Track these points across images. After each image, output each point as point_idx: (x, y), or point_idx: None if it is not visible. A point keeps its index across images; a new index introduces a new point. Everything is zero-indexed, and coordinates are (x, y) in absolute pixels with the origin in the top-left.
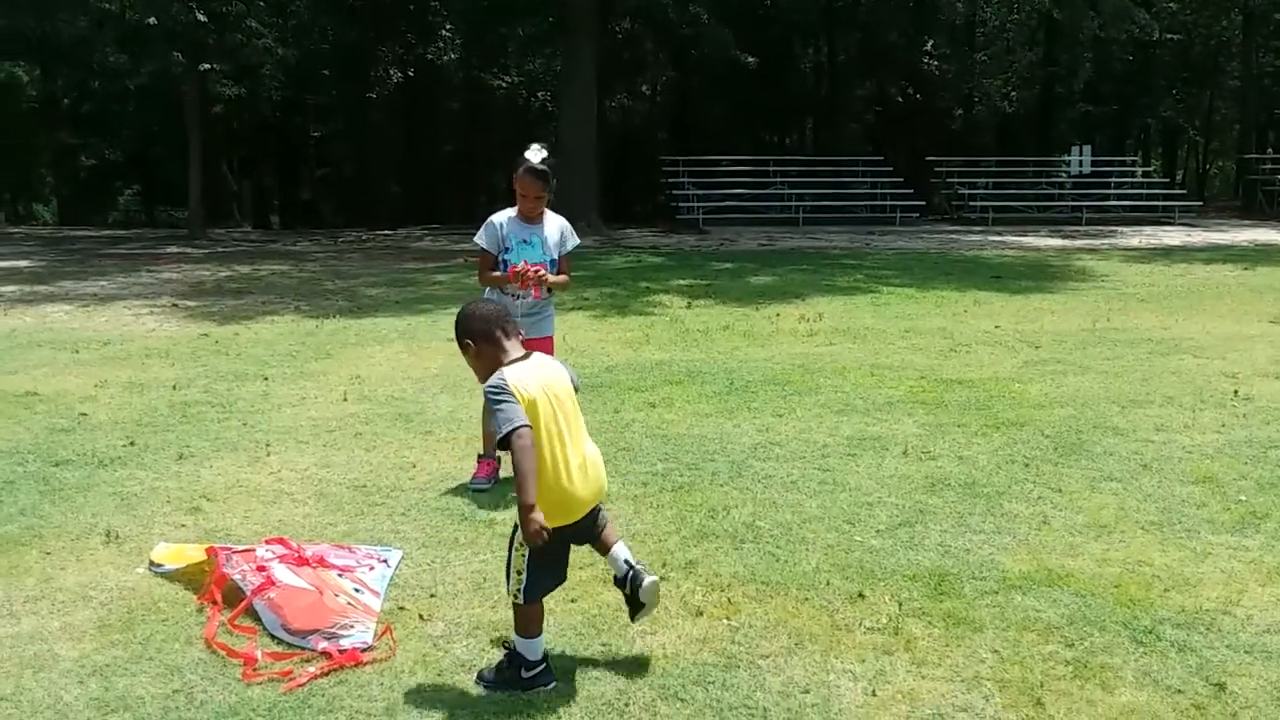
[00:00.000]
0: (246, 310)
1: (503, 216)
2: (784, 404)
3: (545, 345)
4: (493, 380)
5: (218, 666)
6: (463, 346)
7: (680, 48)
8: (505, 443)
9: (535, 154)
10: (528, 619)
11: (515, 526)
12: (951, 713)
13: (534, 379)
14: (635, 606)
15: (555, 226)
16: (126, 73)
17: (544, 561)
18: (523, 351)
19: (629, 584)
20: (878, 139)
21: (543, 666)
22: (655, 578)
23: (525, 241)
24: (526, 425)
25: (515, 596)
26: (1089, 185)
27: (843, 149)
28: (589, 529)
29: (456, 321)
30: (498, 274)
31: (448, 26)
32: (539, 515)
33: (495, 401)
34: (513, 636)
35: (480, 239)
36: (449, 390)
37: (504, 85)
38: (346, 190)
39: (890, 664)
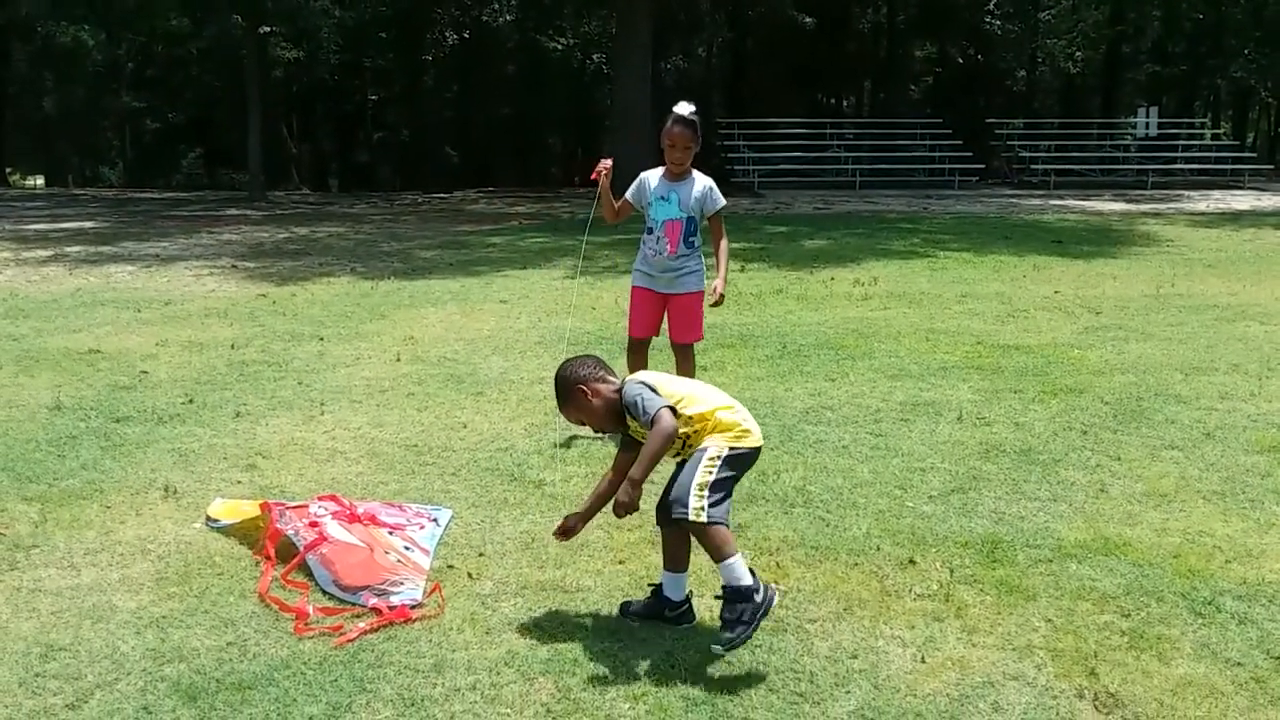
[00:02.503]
0: (304, 271)
1: (653, 174)
2: (837, 368)
3: (687, 303)
4: (630, 391)
5: (270, 620)
6: (578, 400)
7: (737, 8)
8: (652, 421)
9: (684, 107)
10: (722, 540)
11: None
12: (1002, 681)
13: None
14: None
15: (698, 186)
16: (189, 36)
17: (733, 480)
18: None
19: (684, 615)
20: (937, 101)
21: (754, 581)
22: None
23: (663, 198)
24: (671, 407)
25: (699, 515)
26: (1155, 148)
27: (901, 111)
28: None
29: (560, 380)
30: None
31: None
32: (636, 495)
33: (644, 395)
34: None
35: (628, 192)
36: (501, 352)
37: (559, 47)
38: (403, 153)
39: (940, 631)
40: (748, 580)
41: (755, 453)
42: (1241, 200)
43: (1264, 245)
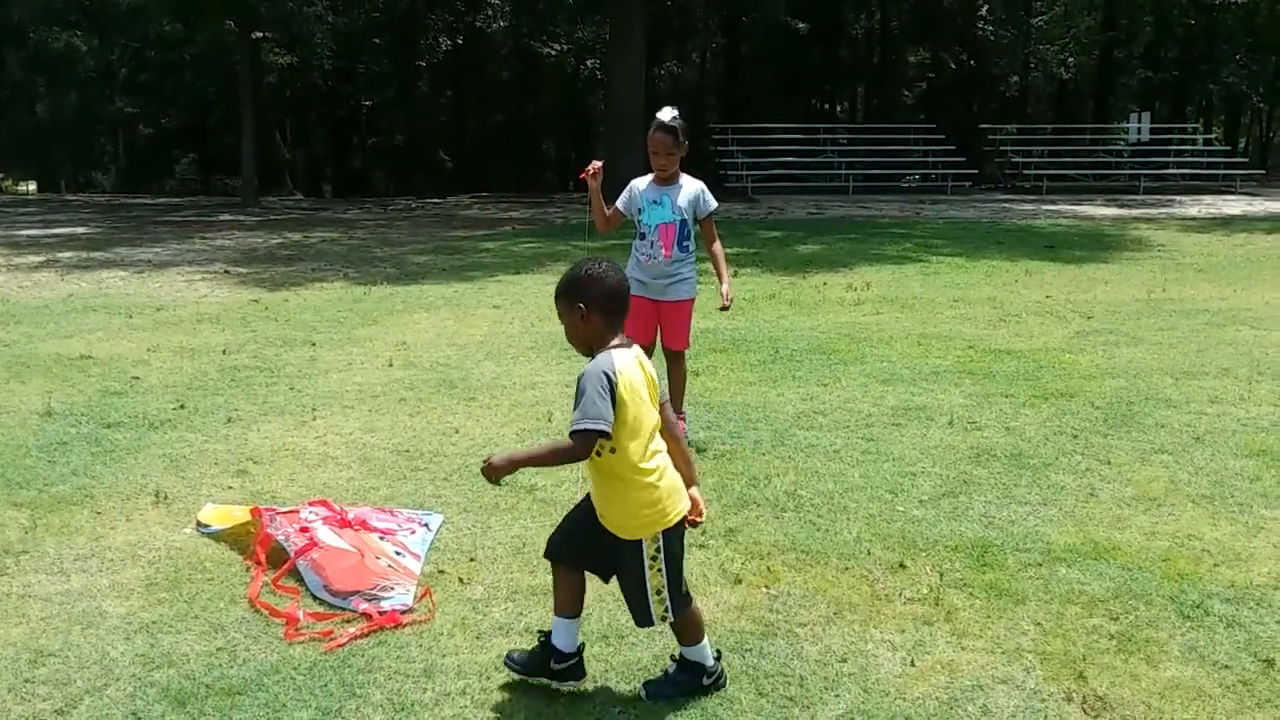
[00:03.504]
0: (296, 277)
1: (642, 181)
2: (829, 373)
3: (678, 311)
4: (601, 365)
5: (261, 625)
6: (570, 306)
7: (730, 13)
8: (575, 435)
9: (666, 113)
10: (690, 625)
11: (652, 548)
12: (991, 684)
13: (630, 368)
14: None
15: (689, 190)
16: (182, 41)
17: (677, 570)
18: (624, 338)
19: (572, 670)
20: (930, 107)
21: (714, 665)
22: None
23: (655, 202)
24: (606, 433)
25: (664, 619)
26: (1147, 153)
27: (894, 117)
28: (676, 543)
29: (576, 277)
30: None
31: None
32: (506, 467)
33: (596, 393)
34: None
35: (619, 201)
36: (493, 357)
37: (553, 53)
38: (396, 159)
39: (930, 634)
40: (709, 662)
41: (682, 520)
42: (1233, 205)
43: (1255, 250)
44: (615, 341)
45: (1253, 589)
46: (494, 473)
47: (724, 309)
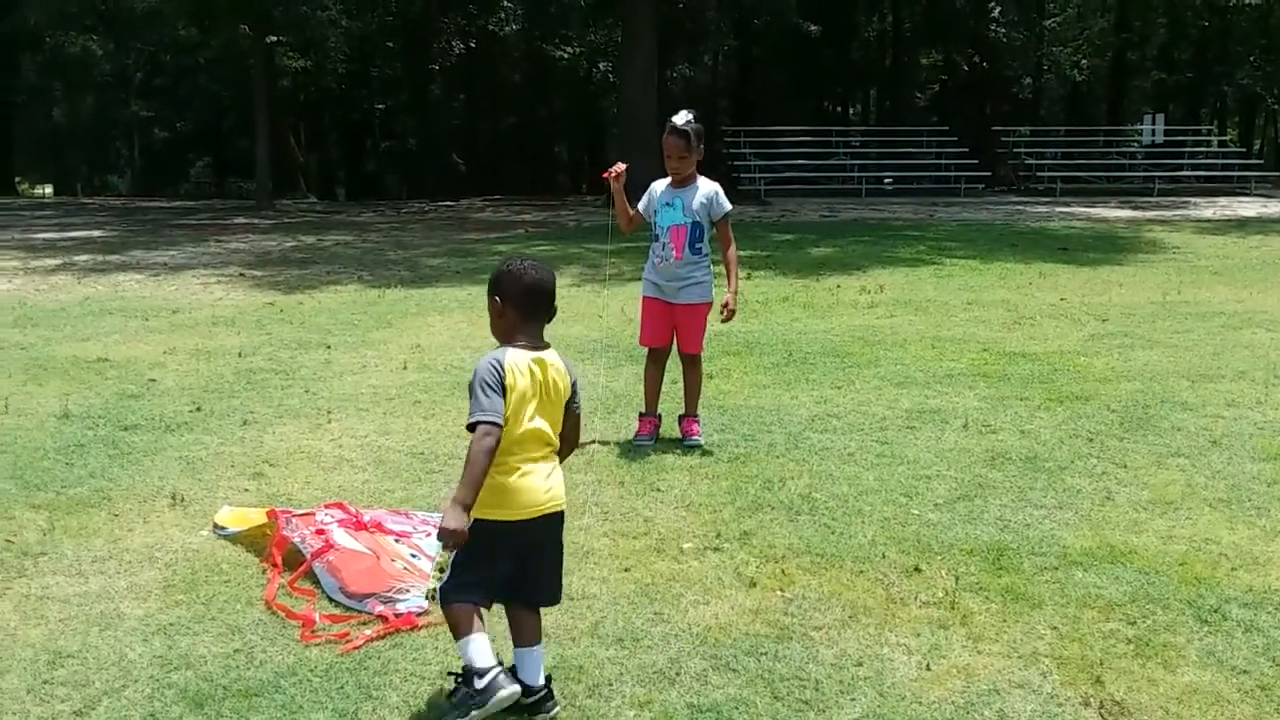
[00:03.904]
0: (311, 280)
1: (661, 183)
2: (843, 376)
3: (691, 314)
4: (492, 359)
5: (277, 627)
6: (490, 300)
7: (742, 15)
8: (471, 427)
9: (680, 116)
10: (454, 623)
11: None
12: (1008, 689)
13: (528, 365)
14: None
15: (702, 192)
16: (197, 45)
17: (476, 555)
18: (540, 342)
19: (534, 703)
20: (943, 109)
21: (494, 671)
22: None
23: (668, 204)
24: (498, 424)
25: (430, 598)
26: (1161, 155)
27: (907, 119)
28: (542, 543)
29: (497, 273)
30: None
31: None
32: (462, 519)
33: (483, 386)
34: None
35: (640, 202)
36: None
37: (565, 56)
38: (409, 162)
39: (946, 638)
40: (480, 663)
41: (511, 528)
42: (1248, 207)
43: (1270, 252)
44: (523, 341)
45: (1271, 593)
46: (456, 536)
47: (724, 318)
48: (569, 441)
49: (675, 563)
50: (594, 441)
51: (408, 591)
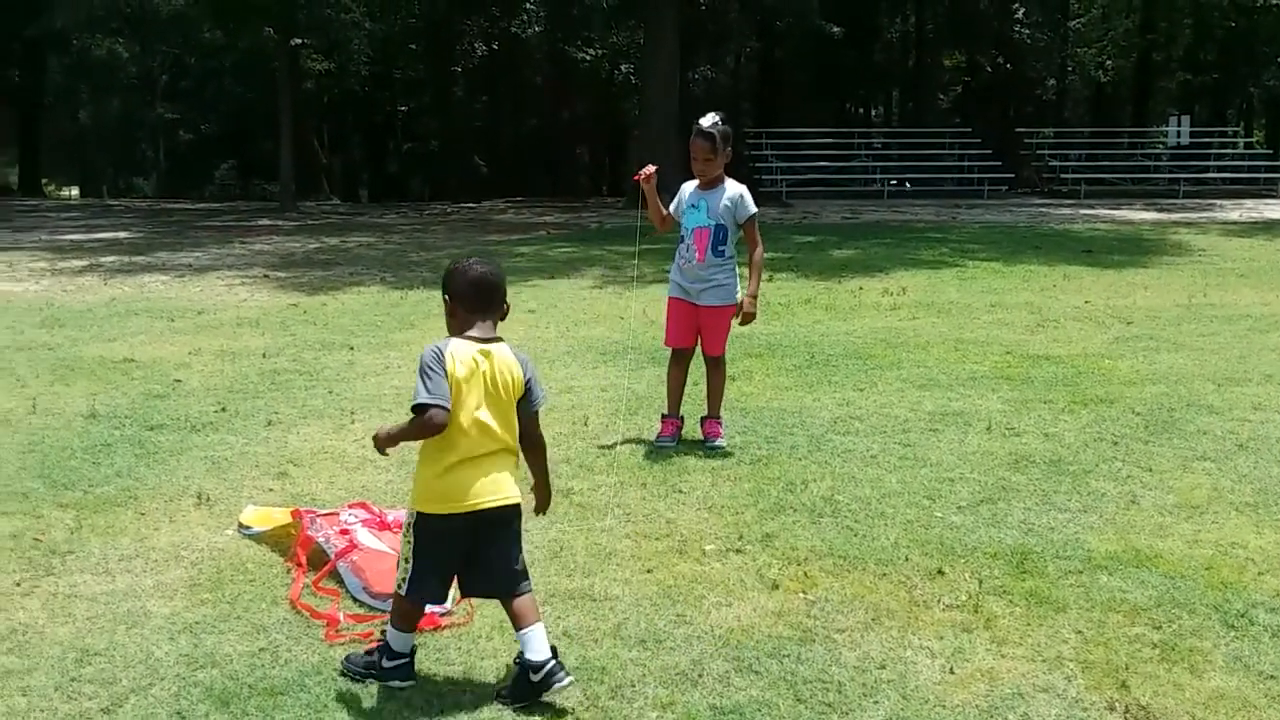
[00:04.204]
0: (334, 281)
1: (690, 185)
2: (865, 378)
3: (713, 316)
4: (434, 346)
5: (302, 626)
6: (442, 298)
7: (765, 17)
8: (415, 409)
9: (707, 119)
10: (402, 614)
11: (411, 516)
12: (1032, 693)
13: (471, 356)
14: (524, 691)
15: (728, 194)
16: (222, 48)
17: (428, 550)
18: (490, 335)
19: (542, 678)
20: (966, 110)
21: (405, 660)
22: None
23: (694, 206)
24: (445, 408)
25: (399, 587)
26: (1187, 157)
27: (929, 120)
28: (486, 537)
29: (447, 271)
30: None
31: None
32: (385, 441)
33: (426, 370)
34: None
35: (671, 204)
36: None
37: (587, 58)
38: (432, 164)
39: (969, 642)
40: (395, 645)
41: (453, 522)
42: (1275, 209)
43: None
44: (473, 333)
45: None
46: (379, 444)
47: (741, 321)
48: (534, 442)
49: (697, 564)
50: (617, 443)
51: None
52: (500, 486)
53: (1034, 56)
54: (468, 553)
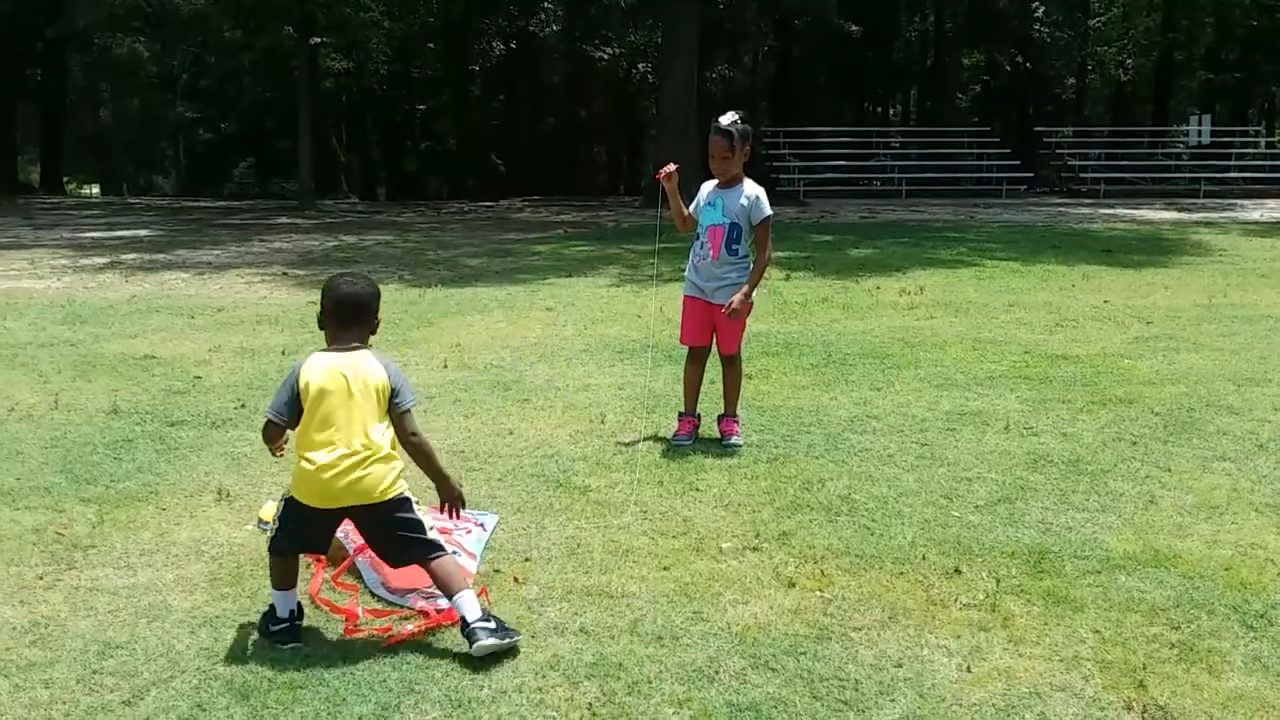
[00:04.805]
0: None
1: (710, 183)
2: (882, 377)
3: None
4: (296, 364)
5: (321, 621)
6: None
7: (783, 16)
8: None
9: (726, 117)
10: (272, 569)
11: (286, 491)
12: (1049, 692)
13: (326, 367)
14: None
15: (746, 194)
16: (241, 47)
17: (292, 522)
18: (350, 346)
19: (470, 635)
20: (985, 109)
21: (285, 625)
22: (488, 643)
23: (710, 204)
24: (277, 424)
25: (269, 542)
26: (1208, 156)
27: (948, 120)
28: (368, 530)
29: (323, 288)
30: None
31: None
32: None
33: (282, 387)
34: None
35: (691, 204)
36: (546, 359)
37: (605, 57)
38: (449, 162)
39: (986, 641)
40: (279, 611)
41: (309, 511)
42: None
43: None
44: (337, 345)
45: None
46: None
47: (725, 311)
48: (413, 443)
49: (714, 562)
50: (634, 441)
51: None
52: (365, 486)
53: (1054, 55)
54: (333, 532)
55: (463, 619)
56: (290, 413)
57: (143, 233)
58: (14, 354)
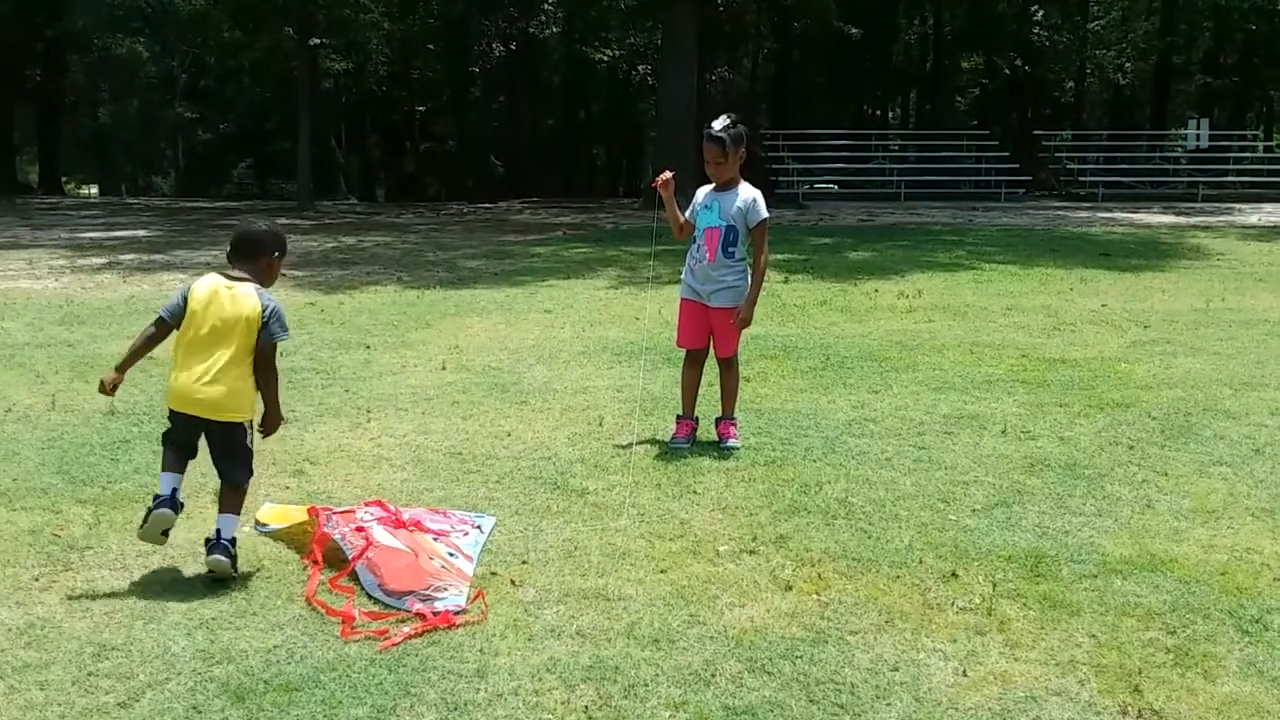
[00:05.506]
0: (351, 280)
1: (705, 187)
2: (880, 380)
3: (722, 317)
4: (192, 280)
5: (317, 623)
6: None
7: (782, 19)
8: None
9: (718, 122)
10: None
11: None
12: (1045, 696)
13: (211, 284)
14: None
15: (742, 197)
16: (241, 48)
17: (168, 431)
18: (241, 277)
19: (207, 549)
20: (983, 112)
21: (164, 497)
22: (222, 559)
23: (707, 207)
24: (166, 322)
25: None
26: (1206, 160)
27: (946, 123)
28: (211, 441)
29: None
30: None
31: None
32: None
33: (176, 291)
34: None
35: (688, 210)
36: (544, 361)
37: (605, 59)
38: (449, 164)
39: (983, 644)
40: (162, 491)
41: (172, 415)
42: None
43: None
44: (230, 273)
45: None
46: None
47: (735, 326)
48: (264, 369)
49: (711, 565)
50: (632, 443)
51: (445, 590)
52: (210, 397)
53: (1052, 59)
54: (194, 441)
55: (217, 532)
56: (174, 318)
57: (141, 233)
58: (11, 354)
